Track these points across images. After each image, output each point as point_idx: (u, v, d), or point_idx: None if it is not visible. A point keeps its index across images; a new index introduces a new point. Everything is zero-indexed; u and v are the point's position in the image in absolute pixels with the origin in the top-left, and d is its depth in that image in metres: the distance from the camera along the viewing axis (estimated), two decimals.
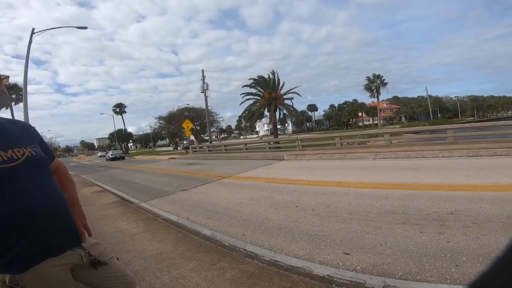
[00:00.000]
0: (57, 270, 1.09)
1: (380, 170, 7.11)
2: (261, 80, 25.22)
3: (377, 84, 49.95)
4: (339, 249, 2.81)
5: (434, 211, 3.59)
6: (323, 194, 5.13)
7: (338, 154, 10.62)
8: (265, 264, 2.61)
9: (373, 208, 4.04)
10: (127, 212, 5.44)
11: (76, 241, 1.21)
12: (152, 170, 14.01)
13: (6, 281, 1.01)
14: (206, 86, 26.49)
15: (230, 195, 6.04)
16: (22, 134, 1.19)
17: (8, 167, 1.02)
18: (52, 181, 1.21)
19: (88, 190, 8.88)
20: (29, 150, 1.13)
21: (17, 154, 1.07)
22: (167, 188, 7.83)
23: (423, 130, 16.33)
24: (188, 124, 23.00)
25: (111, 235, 3.98)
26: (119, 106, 60.57)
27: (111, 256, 1.33)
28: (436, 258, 2.39)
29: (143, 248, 3.32)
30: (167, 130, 50.69)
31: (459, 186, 4.63)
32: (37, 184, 1.09)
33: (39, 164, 1.16)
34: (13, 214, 0.99)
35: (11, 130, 1.14)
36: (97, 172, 17.08)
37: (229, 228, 3.94)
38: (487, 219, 3.12)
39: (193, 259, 2.81)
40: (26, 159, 1.09)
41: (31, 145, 1.16)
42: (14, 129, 1.17)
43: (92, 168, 21.72)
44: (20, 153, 1.09)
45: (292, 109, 26.18)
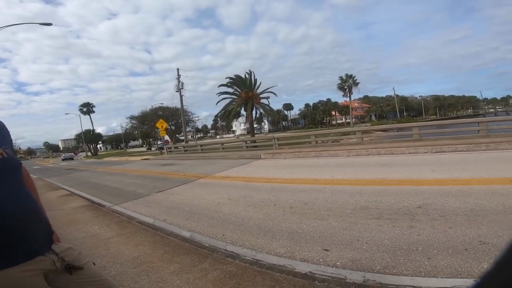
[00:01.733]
0: (28, 275, 1.03)
1: (353, 167, 7.39)
2: (237, 80, 25.15)
3: (350, 84, 51.87)
4: (319, 245, 2.88)
5: (404, 205, 3.79)
6: (301, 192, 5.23)
7: (313, 152, 10.88)
8: (247, 264, 2.61)
9: (348, 204, 4.19)
10: (99, 215, 5.19)
11: (47, 246, 1.15)
12: (124, 172, 13.44)
13: None
14: (181, 85, 25.84)
15: (208, 195, 5.95)
16: None
17: None
18: (24, 185, 1.16)
19: (53, 194, 8.32)
20: (0, 151, 1.06)
21: None
22: (141, 190, 7.55)
23: (391, 128, 17.23)
24: (163, 124, 22.32)
25: (82, 240, 3.79)
26: (87, 106, 57.36)
27: (87, 261, 1.28)
28: (409, 252, 2.53)
29: (118, 252, 3.17)
30: (139, 130, 48.78)
31: (426, 181, 4.94)
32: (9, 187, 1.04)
33: (12, 166, 1.09)
34: None
35: None
36: (63, 175, 16.05)
37: (209, 228, 3.88)
38: (452, 212, 3.35)
39: (173, 262, 2.73)
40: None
41: (3, 146, 1.09)
42: None
43: (58, 171, 20.35)
44: None
45: (268, 108, 26.40)
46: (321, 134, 15.55)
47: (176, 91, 26.19)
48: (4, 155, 1.06)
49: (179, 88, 25.71)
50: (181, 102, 26.62)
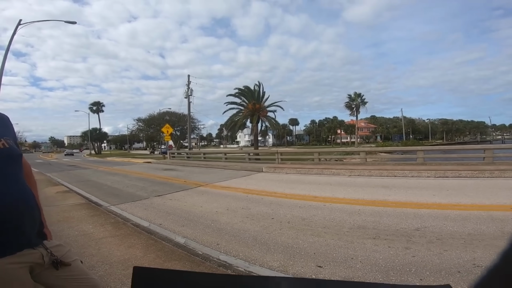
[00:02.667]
0: (15, 267, 1.03)
1: (354, 187, 7.34)
2: (246, 91, 25.45)
3: (358, 103, 51.80)
4: (313, 261, 2.85)
5: (402, 227, 3.75)
6: (299, 208, 5.20)
7: (315, 169, 10.84)
8: None
9: (346, 222, 4.15)
10: (94, 215, 5.18)
11: (38, 240, 1.15)
12: (125, 173, 13.48)
13: None
14: (191, 92, 26.22)
15: (206, 204, 5.94)
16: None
17: None
18: (22, 177, 1.16)
19: (52, 190, 8.36)
20: (2, 142, 1.08)
21: None
22: (141, 193, 7.56)
23: (396, 150, 17.18)
24: (168, 128, 22.53)
25: (74, 238, 3.78)
26: (97, 105, 58.28)
27: (75, 259, 1.27)
28: (402, 272, 2.50)
29: (109, 253, 3.16)
30: (145, 133, 49.30)
31: (426, 205, 4.88)
32: (8, 178, 1.05)
33: (11, 158, 1.10)
34: None
35: None
36: (65, 171, 16.15)
37: (204, 236, 3.86)
38: (449, 235, 3.31)
39: (164, 267, 2.71)
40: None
41: (4, 137, 1.11)
42: None
43: (59, 166, 20.48)
44: None
45: (274, 122, 26.53)
46: (324, 152, 15.50)
47: (185, 97, 26.56)
48: (6, 145, 1.09)
49: (188, 95, 26.07)
50: (189, 108, 26.95)
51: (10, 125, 1.25)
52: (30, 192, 1.16)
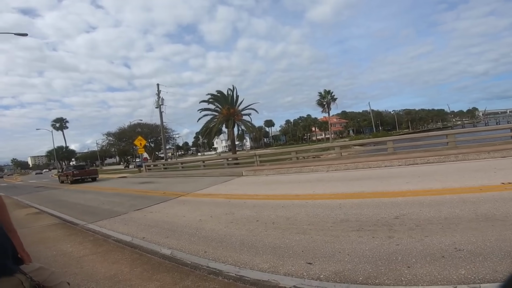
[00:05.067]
0: None
1: (333, 181, 7.57)
2: (219, 96, 25.31)
3: (328, 100, 53.53)
4: (302, 259, 2.89)
5: (382, 217, 3.92)
6: (283, 208, 5.25)
7: (294, 168, 11.03)
8: (230, 280, 2.55)
9: (329, 217, 4.26)
10: (71, 234, 4.95)
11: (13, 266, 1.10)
12: (99, 190, 12.87)
13: None
14: (161, 101, 25.57)
15: (188, 213, 5.81)
16: None
17: None
18: None
19: (21, 212, 7.79)
20: None
21: None
22: (118, 208, 7.24)
23: (368, 142, 17.92)
24: (141, 141, 21.78)
25: (53, 258, 3.60)
26: (60, 121, 54.95)
27: (60, 281, 1.22)
28: (389, 261, 2.59)
29: (93, 271, 3.02)
30: (116, 148, 47.16)
31: (401, 193, 5.14)
32: None
33: None
34: None
35: None
36: (33, 193, 15.04)
37: (190, 246, 3.78)
38: (427, 221, 3.51)
39: (153, 280, 2.62)
40: None
41: None
42: None
43: (26, 189, 19.01)
44: None
45: (250, 125, 26.61)
46: (301, 150, 15.83)
47: (156, 107, 25.85)
48: None
49: (159, 104, 25.41)
50: (161, 118, 26.27)
51: None
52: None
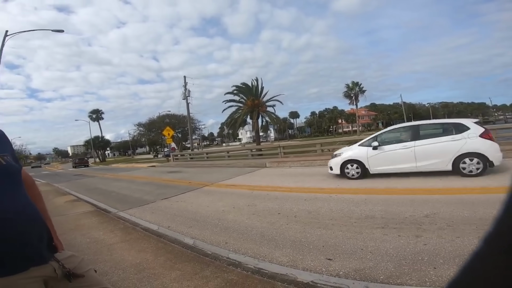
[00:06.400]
0: (29, 282, 1.03)
1: None
2: (244, 87, 25.37)
3: (356, 92, 51.68)
4: (322, 255, 2.84)
5: (411, 214, 3.72)
6: (305, 201, 5.19)
7: (319, 161, 10.80)
8: (249, 272, 2.58)
9: (353, 213, 4.13)
10: (104, 221, 5.22)
11: (48, 253, 1.15)
12: (131, 179, 13.55)
13: None
14: (188, 93, 26.18)
15: (212, 203, 5.95)
16: None
17: None
18: (23, 191, 1.15)
19: (61, 200, 8.42)
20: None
21: None
22: (147, 197, 7.59)
23: None
24: (169, 131, 22.55)
25: (86, 246, 3.81)
26: (96, 113, 58.43)
27: (88, 269, 1.27)
28: (414, 261, 2.47)
29: (121, 258, 3.18)
30: (147, 138, 49.44)
31: (435, 190, 4.85)
32: (6, 194, 1.03)
33: (9, 173, 1.09)
34: None
35: None
36: (72, 181, 16.25)
37: (212, 236, 3.87)
38: (460, 221, 3.28)
39: (175, 269, 2.72)
40: None
41: (1, 154, 1.10)
42: None
43: (66, 176, 20.63)
44: None
45: (274, 117, 26.48)
46: (327, 143, 15.44)
47: (183, 98, 26.54)
48: (3, 162, 1.08)
49: (186, 96, 26.04)
50: (188, 109, 26.94)
51: (6, 140, 1.24)
52: (33, 206, 1.14)
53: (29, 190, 1.24)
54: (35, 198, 1.27)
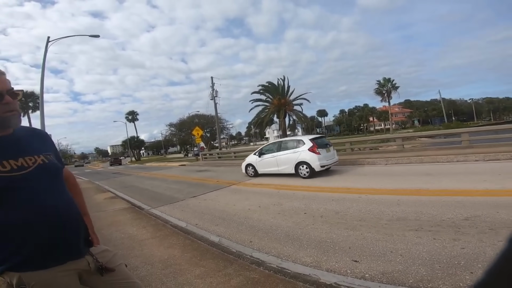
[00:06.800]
0: (64, 275, 1.10)
1: (392, 176, 6.96)
2: (270, 86, 25.32)
3: (388, 88, 49.20)
4: (348, 256, 2.75)
5: (448, 217, 3.46)
6: (333, 201, 5.05)
7: (348, 160, 10.46)
8: (271, 272, 2.57)
9: (384, 214, 3.94)
10: (137, 218, 5.48)
11: (85, 248, 1.22)
12: (163, 177, 14.16)
13: (13, 284, 1.03)
14: (216, 93, 26.74)
15: (238, 202, 6.02)
16: (36, 142, 1.21)
17: (18, 175, 1.03)
18: (64, 188, 1.22)
19: (100, 196, 9.03)
20: (41, 158, 1.14)
21: (28, 162, 1.09)
22: (178, 195, 7.89)
23: (437, 134, 15.83)
24: (198, 131, 23.22)
25: (121, 241, 4.02)
26: (132, 114, 61.87)
27: (119, 263, 1.33)
28: (449, 265, 2.30)
29: (151, 254, 3.33)
30: (178, 137, 51.43)
31: (475, 191, 4.45)
32: (48, 191, 1.10)
33: (51, 172, 1.17)
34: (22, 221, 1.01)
35: (24, 138, 1.16)
36: (110, 179, 17.39)
37: (237, 234, 3.92)
38: (504, 225, 2.98)
39: (199, 266, 2.79)
40: (38, 167, 1.11)
41: (44, 153, 1.17)
42: (28, 137, 1.19)
43: (105, 174, 22.15)
44: (31, 161, 1.10)
45: (301, 115, 26.10)
46: (357, 141, 14.86)
47: (210, 99, 27.15)
48: (45, 160, 1.15)
49: (214, 96, 26.61)
50: (216, 109, 27.53)
51: (49, 140, 1.32)
52: (73, 202, 1.21)
53: (70, 187, 1.32)
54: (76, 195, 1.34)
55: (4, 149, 1.06)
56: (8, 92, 1.05)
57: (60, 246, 1.10)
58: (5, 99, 1.03)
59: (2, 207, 1.00)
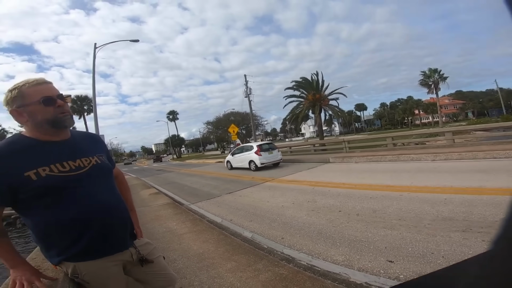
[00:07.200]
0: (112, 265, 1.22)
1: (439, 173, 6.41)
2: (303, 82, 24.78)
3: (435, 79, 45.03)
4: (383, 256, 2.62)
5: (502, 218, 3.10)
6: (371, 199, 4.83)
7: (390, 156, 9.86)
8: (300, 269, 2.57)
9: (427, 214, 3.67)
10: (178, 213, 5.79)
11: (130, 240, 1.34)
12: (201, 174, 14.79)
13: (68, 273, 1.17)
14: (249, 91, 27.02)
15: (272, 198, 6.06)
16: (91, 144, 1.35)
17: (75, 175, 1.17)
18: (114, 186, 1.35)
19: (146, 192, 9.74)
20: (95, 158, 1.28)
21: (84, 162, 1.22)
22: (214, 191, 8.19)
23: (495, 127, 14.10)
24: (234, 128, 23.67)
25: (162, 235, 4.29)
26: (172, 114, 65.21)
27: (158, 255, 1.44)
28: None
29: (188, 248, 3.52)
30: (214, 135, 53.11)
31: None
32: (101, 189, 1.23)
33: (103, 171, 1.30)
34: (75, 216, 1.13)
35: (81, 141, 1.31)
36: (154, 175, 18.63)
37: (269, 231, 3.96)
38: None
39: (231, 260, 2.89)
40: (92, 167, 1.24)
41: (97, 154, 1.31)
42: (83, 140, 1.34)
43: (150, 171, 23.78)
44: (87, 162, 1.23)
45: (338, 110, 25.11)
46: (400, 136, 13.87)
47: (245, 96, 27.49)
48: (98, 161, 1.28)
49: (248, 94, 26.91)
50: (250, 107, 27.81)
51: (102, 142, 1.47)
52: (122, 199, 1.34)
53: (119, 184, 1.46)
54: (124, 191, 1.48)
55: (64, 151, 1.20)
56: (58, 97, 1.20)
57: (110, 239, 1.22)
58: (57, 103, 1.17)
59: (63, 203, 1.12)
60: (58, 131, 1.21)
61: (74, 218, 1.13)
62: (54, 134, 1.20)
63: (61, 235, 1.14)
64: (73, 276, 1.17)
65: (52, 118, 1.16)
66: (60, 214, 1.12)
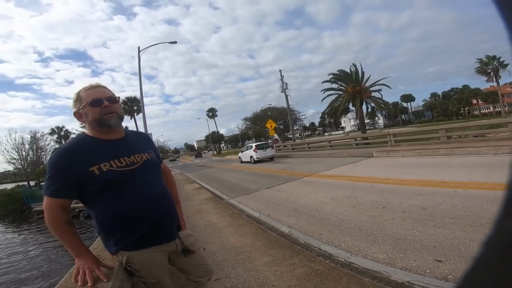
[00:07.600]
0: (159, 255, 1.32)
1: (502, 168, 5.65)
2: (341, 74, 23.70)
3: (494, 66, 39.99)
4: (430, 255, 2.42)
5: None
6: (419, 195, 4.47)
7: (443, 150, 8.97)
8: (337, 265, 2.50)
9: (486, 212, 3.28)
10: (218, 207, 6.00)
11: (176, 232, 1.44)
12: (240, 169, 15.10)
13: (123, 262, 1.29)
14: (285, 85, 26.76)
15: (311, 194, 5.95)
16: (141, 142, 1.49)
17: (130, 169, 1.29)
18: (162, 180, 1.46)
19: (189, 187, 10.27)
20: (146, 155, 1.40)
21: (137, 158, 1.34)
22: (253, 186, 8.31)
23: None
24: (271, 123, 23.69)
25: (204, 228, 4.48)
26: (211, 111, 67.68)
27: (199, 247, 1.53)
28: None
29: (226, 241, 3.63)
30: (252, 130, 53.74)
31: None
32: (151, 183, 1.34)
33: (153, 166, 1.40)
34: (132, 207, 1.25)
35: (133, 139, 1.44)
36: (196, 171, 19.52)
37: (307, 226, 3.91)
38: None
39: (268, 254, 2.92)
40: (143, 163, 1.36)
41: (147, 151, 1.42)
42: (135, 138, 1.47)
43: (192, 167, 24.97)
44: (139, 158, 1.35)
45: (381, 102, 23.55)
46: (455, 128, 12.47)
47: (281, 91, 27.34)
48: (149, 157, 1.40)
49: (284, 89, 26.67)
50: (287, 101, 27.56)
51: (150, 140, 1.61)
52: (168, 192, 1.45)
53: (166, 179, 1.57)
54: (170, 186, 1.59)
55: (120, 148, 1.33)
56: (107, 99, 1.31)
57: (160, 229, 1.31)
58: (104, 104, 1.29)
59: (122, 195, 1.24)
60: (109, 130, 1.33)
61: (131, 209, 1.24)
62: (107, 133, 1.33)
63: (120, 224, 1.25)
64: (127, 264, 1.27)
65: (99, 118, 1.29)
66: (120, 205, 1.23)
